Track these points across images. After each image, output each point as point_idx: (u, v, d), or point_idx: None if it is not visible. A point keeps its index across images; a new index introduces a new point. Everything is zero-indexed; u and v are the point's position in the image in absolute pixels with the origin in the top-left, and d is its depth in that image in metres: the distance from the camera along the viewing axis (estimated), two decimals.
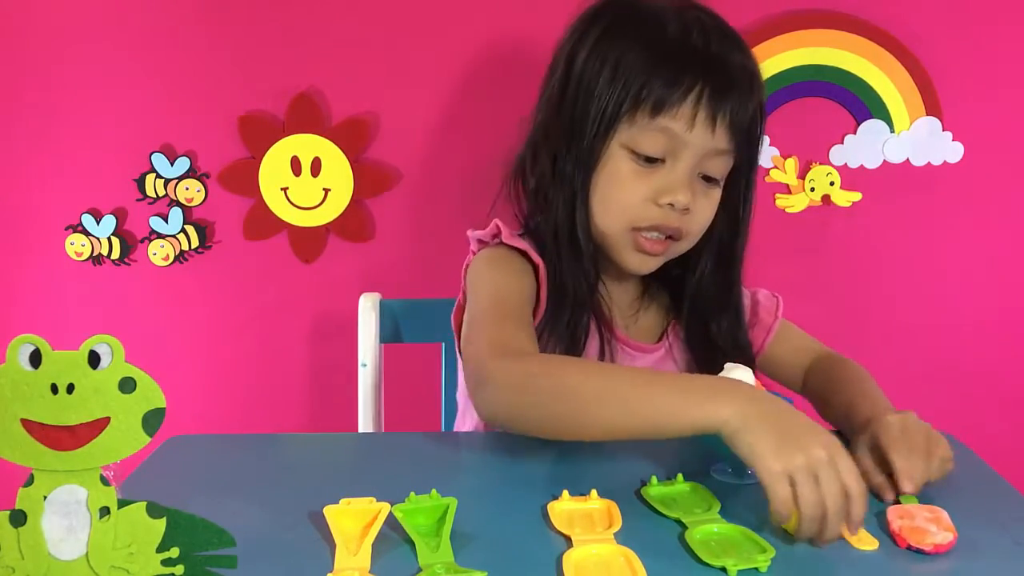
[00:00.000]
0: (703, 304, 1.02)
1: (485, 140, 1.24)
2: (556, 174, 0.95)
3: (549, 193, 0.96)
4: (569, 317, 0.94)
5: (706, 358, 1.01)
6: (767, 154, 1.38)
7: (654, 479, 0.77)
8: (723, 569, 0.63)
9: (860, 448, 0.80)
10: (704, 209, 0.94)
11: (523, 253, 0.95)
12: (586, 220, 0.94)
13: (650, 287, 1.05)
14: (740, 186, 0.98)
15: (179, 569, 0.55)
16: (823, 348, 1.08)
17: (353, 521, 0.67)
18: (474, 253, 1.00)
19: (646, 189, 0.91)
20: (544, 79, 0.98)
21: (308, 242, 1.41)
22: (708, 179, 0.93)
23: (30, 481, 0.53)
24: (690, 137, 0.89)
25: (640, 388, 0.74)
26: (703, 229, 0.96)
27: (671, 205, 0.90)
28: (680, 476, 0.77)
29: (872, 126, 1.37)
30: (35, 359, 0.50)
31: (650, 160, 0.90)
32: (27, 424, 0.51)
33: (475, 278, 0.95)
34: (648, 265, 0.96)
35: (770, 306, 1.10)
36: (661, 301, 1.06)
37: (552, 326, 0.93)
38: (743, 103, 0.90)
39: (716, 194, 0.95)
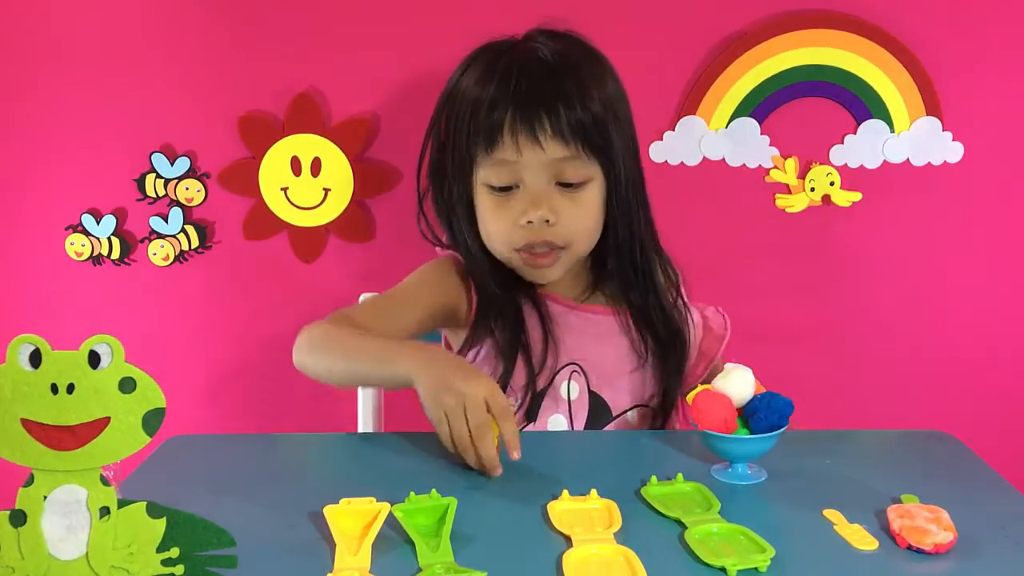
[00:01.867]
0: (624, 288, 1.08)
1: None
2: (449, 208, 1.07)
3: (452, 222, 1.08)
4: (502, 308, 1.05)
5: (644, 327, 1.08)
6: (767, 154, 1.38)
7: (654, 479, 0.77)
8: (723, 569, 0.63)
9: None
10: (572, 213, 1.01)
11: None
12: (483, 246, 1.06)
13: (599, 276, 1.10)
14: (619, 173, 1.03)
15: (179, 569, 0.55)
16: None
17: (353, 521, 0.67)
18: None
19: (506, 216, 1.01)
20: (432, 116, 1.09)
21: (308, 242, 1.41)
22: (568, 185, 1.00)
23: (30, 481, 0.53)
24: (523, 160, 0.98)
25: (363, 346, 0.93)
26: (586, 230, 1.03)
27: (530, 223, 0.99)
28: (680, 476, 0.77)
29: (872, 126, 1.37)
30: (35, 359, 0.50)
31: (504, 189, 1.00)
32: (27, 424, 0.51)
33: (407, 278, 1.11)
34: (548, 276, 1.05)
35: (719, 320, 1.14)
36: (609, 288, 1.11)
37: (493, 311, 1.05)
38: (562, 115, 0.97)
39: (586, 196, 1.01)
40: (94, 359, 0.51)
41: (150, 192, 1.39)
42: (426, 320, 1.06)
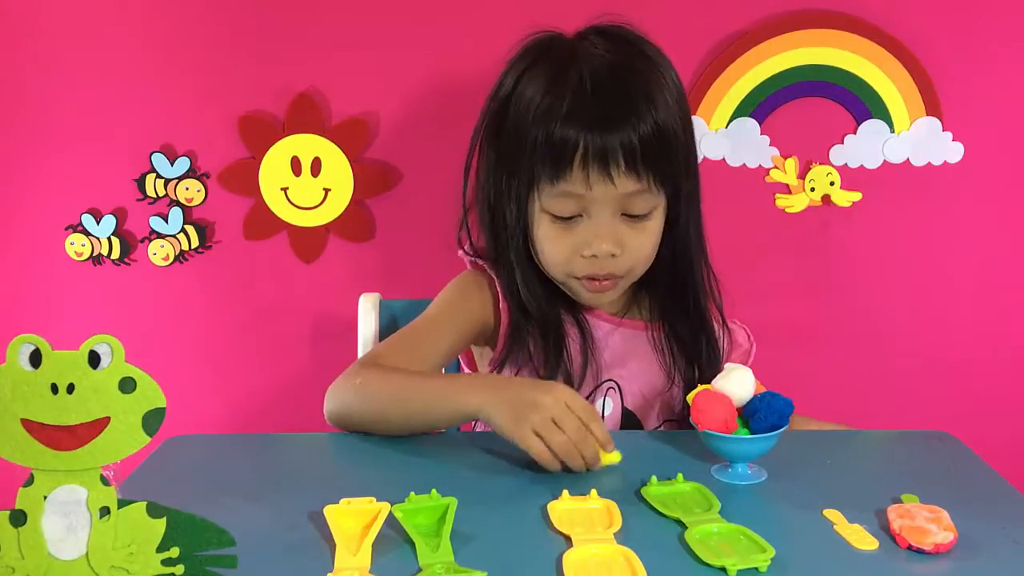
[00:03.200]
0: (669, 305, 1.05)
1: None
2: (500, 221, 1.01)
3: (500, 235, 1.02)
4: (544, 324, 1.01)
5: (680, 343, 1.05)
6: (767, 154, 1.38)
7: (654, 479, 0.77)
8: (723, 569, 0.63)
9: None
10: (637, 243, 0.97)
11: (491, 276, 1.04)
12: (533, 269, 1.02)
13: (637, 290, 1.07)
14: (676, 208, 1.00)
15: (179, 569, 0.55)
16: None
17: (353, 521, 0.67)
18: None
19: (569, 244, 0.96)
20: (481, 127, 1.03)
21: (308, 242, 1.41)
22: (634, 216, 0.96)
23: (30, 481, 0.53)
24: (592, 195, 0.93)
25: (416, 388, 0.89)
26: (647, 258, 0.99)
27: (594, 256, 0.95)
28: (680, 476, 0.77)
29: (872, 126, 1.37)
30: (35, 359, 0.50)
31: (567, 218, 0.95)
32: (27, 424, 0.51)
33: (442, 291, 1.06)
34: (605, 299, 1.02)
35: (743, 334, 1.13)
36: (648, 301, 1.08)
37: (531, 334, 1.01)
38: (634, 141, 0.91)
39: (651, 226, 0.97)
40: (94, 359, 0.51)
41: (150, 192, 1.39)
42: (459, 342, 1.02)
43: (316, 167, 1.37)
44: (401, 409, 0.89)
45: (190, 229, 1.41)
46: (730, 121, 1.37)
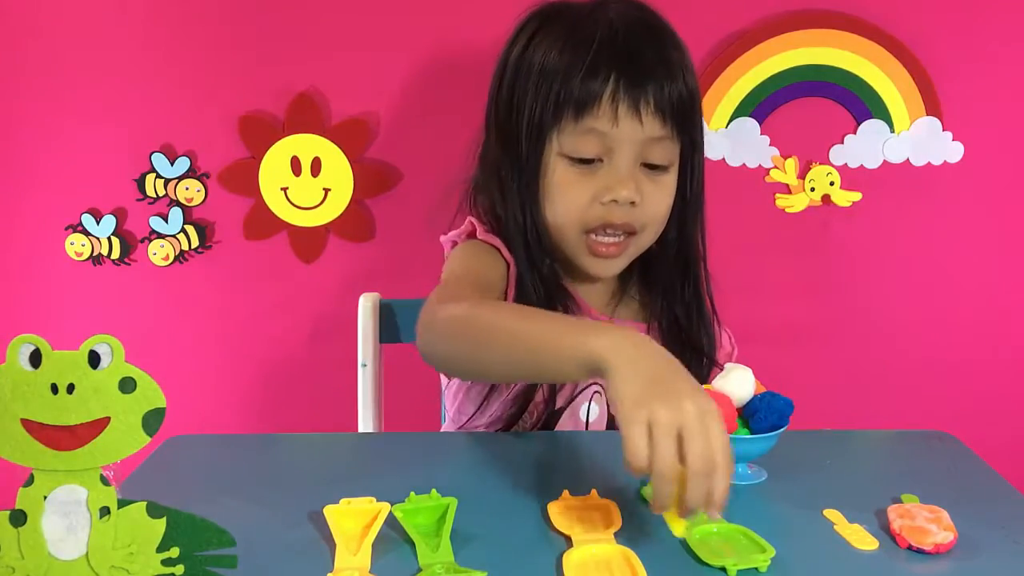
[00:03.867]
0: (664, 297, 1.02)
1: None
2: (504, 189, 0.96)
3: (497, 208, 0.97)
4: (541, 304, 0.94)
5: (672, 343, 0.99)
6: (767, 154, 1.38)
7: None
8: (723, 569, 0.63)
9: None
10: (655, 198, 0.94)
11: (497, 249, 0.97)
12: (539, 229, 0.96)
13: (627, 286, 1.05)
14: (685, 173, 0.98)
15: (179, 569, 0.55)
16: None
17: (353, 521, 0.67)
18: (446, 255, 1.02)
19: (588, 190, 0.92)
20: (492, 82, 0.99)
21: (308, 242, 1.41)
22: (654, 167, 0.93)
23: (30, 481, 0.53)
24: (618, 132, 0.89)
25: (528, 322, 0.75)
26: (661, 218, 0.96)
27: (614, 201, 0.91)
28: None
29: (872, 126, 1.37)
30: (35, 359, 0.50)
31: (587, 161, 0.91)
32: (27, 424, 0.51)
33: (448, 264, 0.98)
34: (610, 268, 0.97)
35: (727, 345, 1.09)
36: (640, 300, 1.05)
37: None
38: (665, 88, 0.89)
39: (668, 180, 0.95)
40: (94, 359, 0.51)
41: (150, 192, 1.39)
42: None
43: (316, 167, 1.37)
44: (509, 340, 0.74)
45: (190, 229, 1.41)
46: (730, 121, 1.37)
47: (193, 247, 1.41)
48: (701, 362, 1.01)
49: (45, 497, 0.53)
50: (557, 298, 0.97)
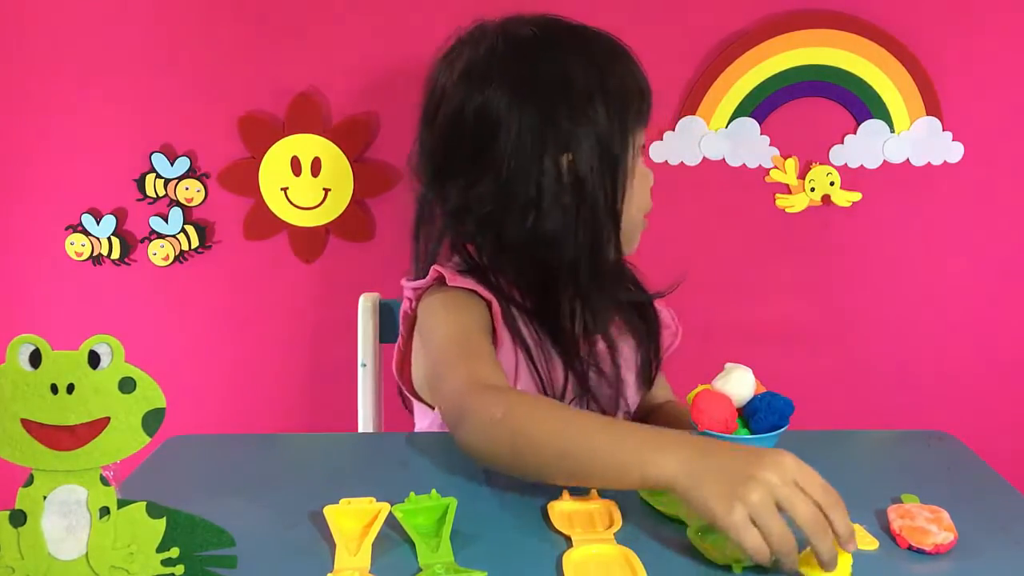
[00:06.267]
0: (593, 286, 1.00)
1: None
2: (559, 201, 0.92)
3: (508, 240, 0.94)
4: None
5: (633, 322, 1.04)
6: (767, 154, 1.38)
7: None
8: (728, 568, 0.63)
9: None
10: None
11: (474, 291, 0.93)
12: (609, 240, 0.96)
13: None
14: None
15: (179, 569, 0.55)
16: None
17: (353, 521, 0.67)
18: (410, 301, 0.99)
19: (647, 181, 1.01)
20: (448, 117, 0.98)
21: (308, 242, 1.41)
22: None
23: (30, 481, 0.53)
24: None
25: (576, 431, 0.72)
26: None
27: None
28: None
29: (872, 126, 1.37)
30: (35, 359, 0.50)
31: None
32: (27, 424, 0.51)
33: (431, 321, 0.93)
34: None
35: (670, 322, 1.09)
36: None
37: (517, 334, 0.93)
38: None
39: None
40: (94, 359, 0.51)
41: (150, 192, 1.39)
42: None
43: (316, 167, 1.37)
44: (561, 463, 0.72)
45: (190, 229, 1.41)
46: (730, 121, 1.37)
47: (193, 247, 1.41)
48: (656, 324, 1.06)
49: (45, 497, 0.53)
50: (552, 324, 0.96)
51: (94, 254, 1.41)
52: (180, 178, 1.39)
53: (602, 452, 0.70)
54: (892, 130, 1.37)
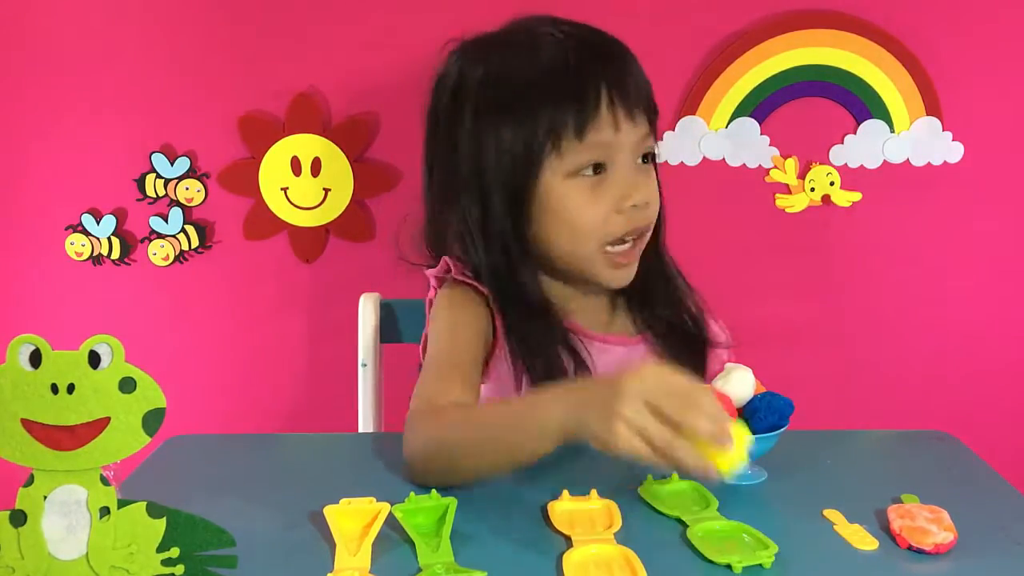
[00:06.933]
0: (650, 301, 1.00)
1: None
2: (477, 230, 0.93)
3: (471, 256, 0.95)
4: (539, 337, 0.93)
5: (675, 345, 0.99)
6: (767, 154, 1.38)
7: (649, 477, 0.77)
8: (728, 566, 0.63)
9: None
10: (655, 193, 0.94)
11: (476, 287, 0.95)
12: (532, 263, 0.94)
13: (616, 301, 1.02)
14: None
15: (179, 569, 0.55)
16: None
17: (353, 521, 0.67)
18: (434, 289, 1.00)
19: (605, 202, 0.90)
20: (427, 130, 1.00)
21: (308, 242, 1.41)
22: (645, 160, 0.93)
23: (30, 481, 0.53)
24: (620, 138, 0.89)
25: (496, 419, 0.78)
26: (658, 212, 0.96)
27: (634, 207, 0.90)
28: (675, 475, 0.77)
29: (872, 126, 1.37)
30: (35, 359, 0.50)
31: (596, 171, 0.90)
32: (27, 424, 0.51)
33: (435, 324, 0.95)
34: (628, 276, 0.95)
35: (723, 336, 1.06)
36: (628, 313, 1.03)
37: (524, 350, 0.92)
38: (640, 80, 0.91)
39: (655, 173, 0.96)
40: (94, 359, 0.51)
41: (150, 192, 1.39)
42: (482, 360, 0.93)
43: (316, 167, 1.37)
44: (487, 447, 0.76)
45: (190, 229, 1.41)
46: (730, 121, 1.37)
47: (193, 247, 1.41)
48: (704, 355, 0.99)
49: (45, 497, 0.53)
50: (551, 326, 0.94)
51: (94, 254, 1.41)
52: (180, 178, 1.39)
53: (510, 422, 0.76)
54: (892, 130, 1.37)
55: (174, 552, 0.55)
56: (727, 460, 0.65)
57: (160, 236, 1.41)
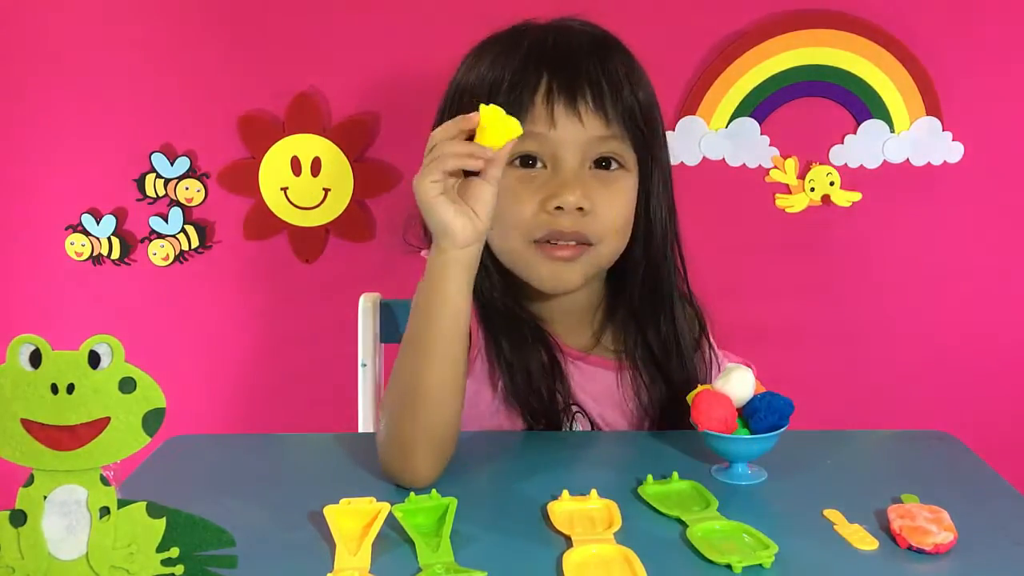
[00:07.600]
0: (637, 316, 0.96)
1: None
2: None
3: None
4: (509, 341, 0.91)
5: (655, 377, 0.95)
6: (767, 154, 1.38)
7: (649, 477, 0.77)
8: (728, 566, 0.63)
9: None
10: (608, 202, 0.87)
11: None
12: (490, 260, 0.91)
13: (604, 324, 0.98)
14: (647, 190, 0.92)
15: (179, 569, 0.55)
16: None
17: (353, 521, 0.67)
18: None
19: (530, 197, 0.86)
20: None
21: (308, 242, 1.41)
22: (603, 168, 0.88)
23: (30, 481, 0.53)
24: (557, 134, 0.85)
25: (409, 341, 0.81)
26: (618, 228, 0.90)
27: (560, 208, 0.85)
28: (675, 474, 0.77)
29: (872, 126, 1.37)
30: (35, 359, 0.50)
31: (527, 164, 0.87)
32: (27, 424, 0.51)
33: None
34: (565, 278, 0.90)
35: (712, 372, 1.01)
36: (615, 336, 0.98)
37: (497, 353, 0.91)
38: (605, 88, 0.86)
39: (622, 187, 0.89)
40: (94, 359, 0.51)
41: (150, 192, 1.39)
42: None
43: (316, 167, 1.37)
44: (413, 350, 0.79)
45: (190, 229, 1.41)
46: (730, 121, 1.37)
47: (193, 247, 1.41)
48: (674, 396, 0.93)
49: (45, 497, 0.53)
50: (523, 321, 0.92)
51: (94, 254, 1.42)
52: (180, 178, 1.39)
53: (423, 325, 0.80)
54: (892, 130, 1.37)
55: (174, 552, 0.55)
56: (494, 136, 0.75)
57: (160, 236, 1.41)
